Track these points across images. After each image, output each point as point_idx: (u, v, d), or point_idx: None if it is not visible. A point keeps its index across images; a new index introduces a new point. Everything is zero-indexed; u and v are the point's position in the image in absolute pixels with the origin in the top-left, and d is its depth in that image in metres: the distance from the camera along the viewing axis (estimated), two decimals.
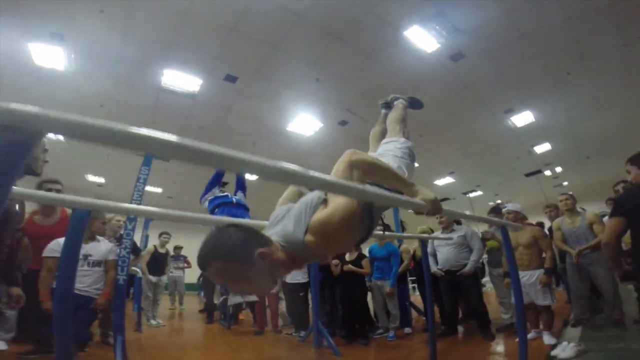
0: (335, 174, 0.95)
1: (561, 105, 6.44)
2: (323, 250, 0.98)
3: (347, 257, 4.10)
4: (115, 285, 2.60)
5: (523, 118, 6.95)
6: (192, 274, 7.49)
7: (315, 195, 1.02)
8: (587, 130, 7.39)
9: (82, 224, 1.49)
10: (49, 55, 4.63)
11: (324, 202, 0.97)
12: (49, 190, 2.42)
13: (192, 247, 7.18)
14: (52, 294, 2.11)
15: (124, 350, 2.34)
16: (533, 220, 5.08)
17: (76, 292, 2.34)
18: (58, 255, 2.09)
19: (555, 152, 8.47)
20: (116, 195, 11.18)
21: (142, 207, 1.46)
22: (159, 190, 10.82)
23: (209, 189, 2.41)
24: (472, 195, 12.20)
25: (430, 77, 5.51)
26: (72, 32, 4.27)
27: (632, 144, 8.37)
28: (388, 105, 2.30)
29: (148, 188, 10.21)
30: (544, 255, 3.11)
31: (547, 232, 3.41)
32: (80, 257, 2.55)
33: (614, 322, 2.95)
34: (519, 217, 3.29)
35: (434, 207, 1.03)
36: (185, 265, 6.92)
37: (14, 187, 0.57)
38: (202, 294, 7.19)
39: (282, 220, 1.04)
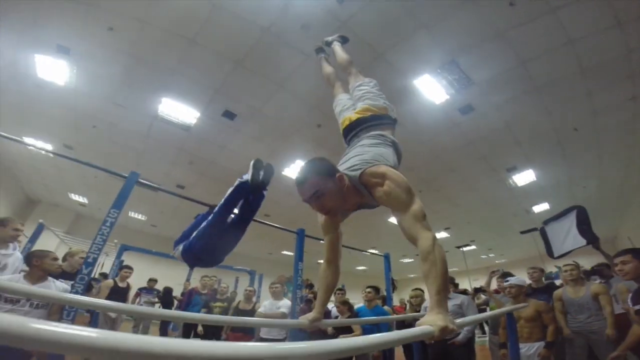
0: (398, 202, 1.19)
1: (563, 164, 6.36)
2: (370, 185, 1.26)
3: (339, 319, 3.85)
4: None
5: (525, 177, 6.86)
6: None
7: (371, 155, 1.37)
8: (586, 191, 7.34)
9: None
10: (53, 68, 4.56)
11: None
12: None
13: (167, 280, 6.76)
14: None
15: None
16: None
17: None
18: None
19: (553, 212, 8.25)
20: (98, 216, 10.80)
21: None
22: (143, 218, 10.44)
23: (186, 238, 2.03)
24: (465, 249, 12.00)
25: (436, 130, 5.43)
26: (79, 47, 4.19)
27: (625, 208, 8.39)
28: (322, 49, 2.42)
29: (132, 214, 10.01)
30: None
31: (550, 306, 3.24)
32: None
33: None
34: (522, 291, 3.21)
35: (441, 335, 0.91)
36: (156, 300, 6.44)
37: None
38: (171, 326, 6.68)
39: (349, 158, 1.42)
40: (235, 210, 2.01)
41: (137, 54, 4.26)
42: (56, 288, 2.47)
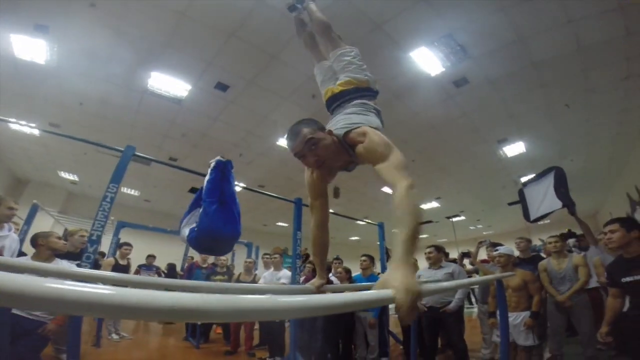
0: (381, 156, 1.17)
1: (554, 137, 6.48)
2: (353, 143, 1.30)
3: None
4: None
5: (515, 148, 7.00)
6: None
7: (356, 120, 1.39)
8: (574, 164, 7.52)
9: None
10: (30, 48, 4.34)
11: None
12: None
13: (165, 256, 6.80)
14: None
15: None
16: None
17: (25, 315, 2.24)
18: None
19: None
20: (90, 194, 10.68)
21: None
22: (136, 193, 10.36)
23: (190, 211, 2.06)
24: (454, 219, 12.36)
25: (430, 101, 5.43)
26: (58, 24, 3.97)
27: (612, 181, 8.70)
28: (295, 7, 2.31)
29: (125, 190, 9.93)
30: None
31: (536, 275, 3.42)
32: None
33: (587, 358, 3.03)
34: (511, 261, 3.35)
35: (408, 314, 0.70)
36: (156, 276, 6.53)
37: None
38: None
39: (336, 122, 1.45)
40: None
41: (122, 29, 4.06)
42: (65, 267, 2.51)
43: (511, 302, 3.13)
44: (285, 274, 4.41)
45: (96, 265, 3.81)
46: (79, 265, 2.68)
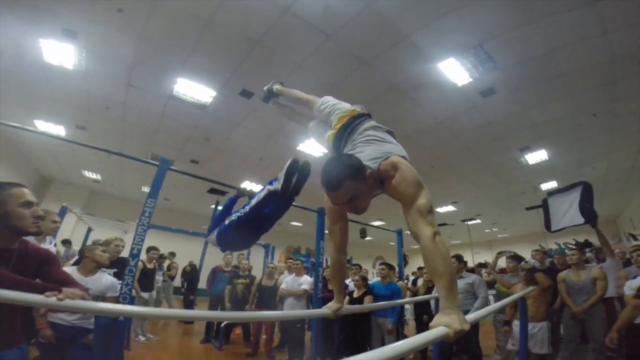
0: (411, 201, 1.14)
1: (577, 145, 6.40)
2: (385, 177, 1.22)
3: (355, 293, 4.04)
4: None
5: (537, 156, 6.92)
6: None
7: (384, 151, 1.30)
8: (595, 172, 7.44)
9: None
10: (59, 53, 4.43)
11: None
12: None
13: (184, 255, 6.88)
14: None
15: None
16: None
17: (65, 324, 2.23)
18: None
19: None
20: (111, 192, 10.97)
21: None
22: None
23: (217, 222, 1.89)
24: (470, 222, 12.26)
25: (455, 111, 5.41)
26: (86, 30, 4.05)
27: (632, 190, 8.51)
28: (269, 97, 2.46)
29: (145, 189, 10.14)
30: None
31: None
32: None
33: None
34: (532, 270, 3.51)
35: (455, 337, 0.89)
36: (162, 279, 6.35)
37: None
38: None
39: (363, 149, 1.36)
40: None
41: (149, 35, 4.12)
42: (106, 280, 2.57)
43: (529, 312, 3.14)
44: (307, 279, 4.46)
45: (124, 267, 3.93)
46: (116, 274, 2.80)
